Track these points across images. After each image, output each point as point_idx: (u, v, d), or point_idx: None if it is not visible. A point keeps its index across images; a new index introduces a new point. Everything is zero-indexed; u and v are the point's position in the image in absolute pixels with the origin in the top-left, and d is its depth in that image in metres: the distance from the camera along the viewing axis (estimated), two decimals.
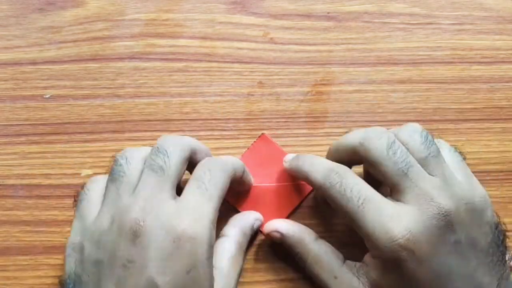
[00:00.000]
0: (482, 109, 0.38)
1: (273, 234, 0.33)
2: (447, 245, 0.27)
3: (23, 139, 0.38)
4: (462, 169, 0.30)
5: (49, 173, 0.37)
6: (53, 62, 0.39)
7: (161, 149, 0.29)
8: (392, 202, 0.29)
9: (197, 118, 0.38)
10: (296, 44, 0.39)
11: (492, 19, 0.39)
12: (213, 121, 0.38)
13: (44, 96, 0.38)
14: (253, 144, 0.36)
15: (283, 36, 0.39)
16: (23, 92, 0.38)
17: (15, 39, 0.39)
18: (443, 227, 0.27)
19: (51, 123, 0.38)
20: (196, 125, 0.38)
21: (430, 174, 0.29)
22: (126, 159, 0.30)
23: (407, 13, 0.39)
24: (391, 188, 0.29)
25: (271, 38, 0.39)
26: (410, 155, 0.29)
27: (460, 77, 0.38)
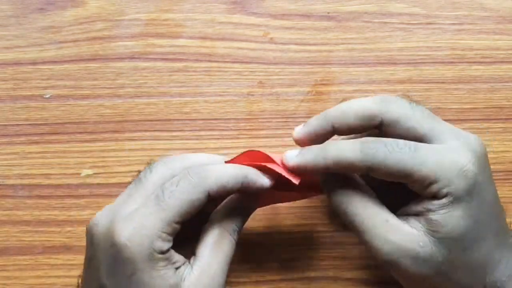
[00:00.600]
0: (482, 109, 0.38)
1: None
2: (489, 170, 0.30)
3: (23, 139, 0.38)
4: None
5: (49, 173, 0.37)
6: (53, 62, 0.39)
7: (173, 181, 0.28)
8: (439, 144, 0.29)
9: (197, 118, 0.38)
10: (296, 44, 0.39)
11: (492, 19, 0.39)
12: (213, 121, 0.38)
13: (44, 96, 0.38)
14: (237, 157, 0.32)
15: (283, 36, 0.39)
16: (23, 92, 0.38)
17: (15, 39, 0.39)
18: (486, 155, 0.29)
19: (51, 123, 0.38)
20: (196, 125, 0.38)
21: None
22: (151, 171, 0.30)
23: (407, 13, 0.39)
24: (423, 138, 0.29)
25: (271, 38, 0.39)
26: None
27: (460, 77, 0.38)
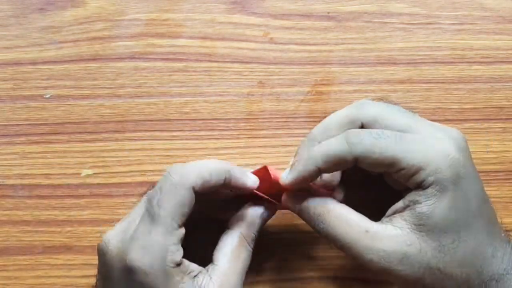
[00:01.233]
0: (482, 109, 0.38)
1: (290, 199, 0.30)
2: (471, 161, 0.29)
3: (23, 139, 0.38)
4: None
5: (49, 173, 0.37)
6: (53, 62, 0.39)
7: (156, 189, 0.28)
8: (423, 134, 0.29)
9: (197, 118, 0.38)
10: (296, 44, 0.39)
11: (492, 19, 0.39)
12: (213, 121, 0.38)
13: (44, 96, 0.38)
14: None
15: (283, 36, 0.39)
16: (23, 92, 0.38)
17: (15, 39, 0.39)
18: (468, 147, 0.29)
19: (51, 123, 0.38)
20: (196, 125, 0.38)
21: None
22: (161, 191, 0.29)
23: (407, 13, 0.39)
24: (403, 130, 0.29)
25: (271, 38, 0.39)
26: None
27: (460, 77, 0.38)
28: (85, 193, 0.37)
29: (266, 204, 0.31)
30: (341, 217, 0.29)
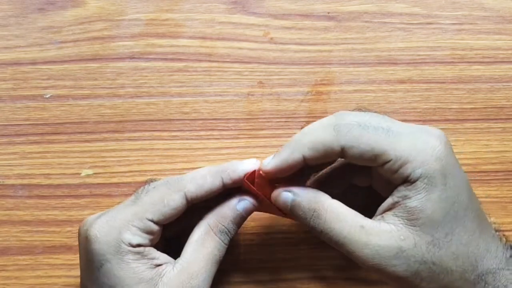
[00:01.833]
0: (482, 109, 0.38)
1: (283, 195, 0.30)
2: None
3: (23, 139, 0.38)
4: None
5: (49, 173, 0.37)
6: (53, 62, 0.39)
7: (151, 184, 0.31)
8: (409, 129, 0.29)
9: (197, 118, 0.38)
10: (296, 44, 0.39)
11: (492, 19, 0.39)
12: (213, 121, 0.38)
13: (44, 96, 0.38)
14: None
15: (283, 36, 0.39)
16: (23, 92, 0.38)
17: (15, 39, 0.39)
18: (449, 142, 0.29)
19: (51, 123, 0.38)
20: (196, 125, 0.38)
21: None
22: (154, 186, 0.31)
23: (407, 13, 0.39)
24: None
25: (271, 38, 0.39)
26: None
27: (460, 77, 0.38)
28: (85, 193, 0.37)
29: (255, 199, 0.31)
30: (337, 212, 0.29)
